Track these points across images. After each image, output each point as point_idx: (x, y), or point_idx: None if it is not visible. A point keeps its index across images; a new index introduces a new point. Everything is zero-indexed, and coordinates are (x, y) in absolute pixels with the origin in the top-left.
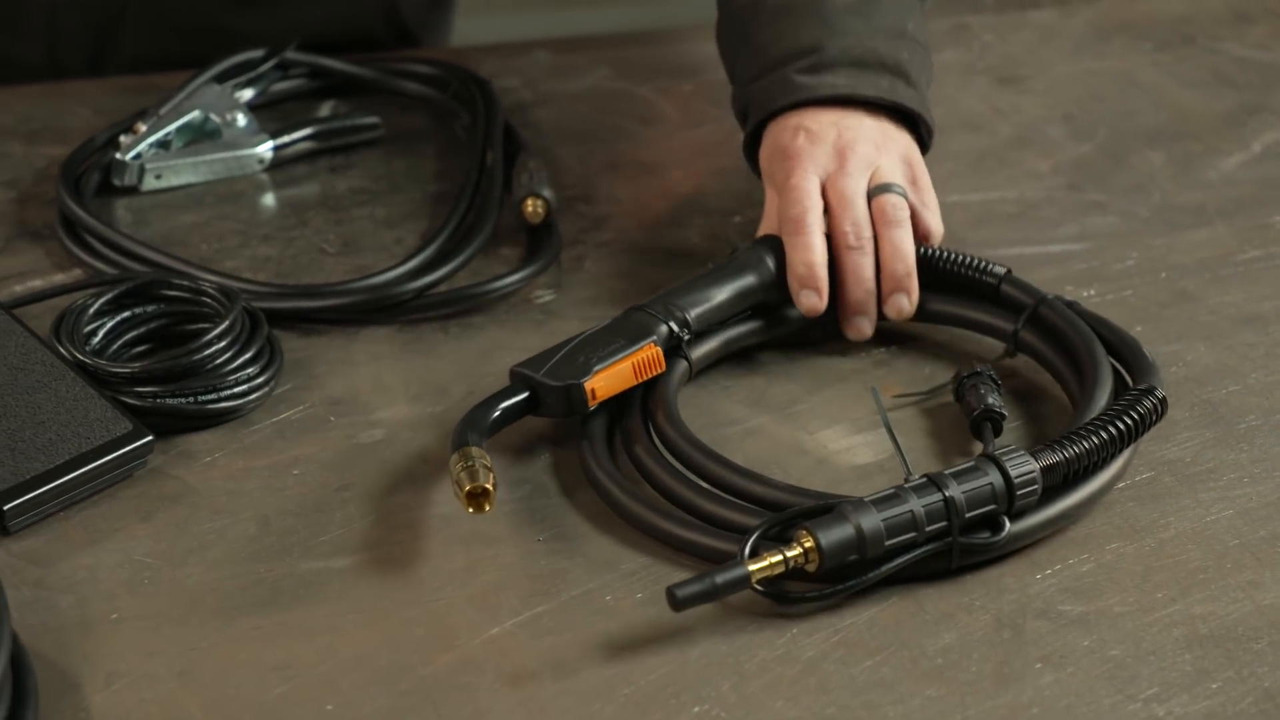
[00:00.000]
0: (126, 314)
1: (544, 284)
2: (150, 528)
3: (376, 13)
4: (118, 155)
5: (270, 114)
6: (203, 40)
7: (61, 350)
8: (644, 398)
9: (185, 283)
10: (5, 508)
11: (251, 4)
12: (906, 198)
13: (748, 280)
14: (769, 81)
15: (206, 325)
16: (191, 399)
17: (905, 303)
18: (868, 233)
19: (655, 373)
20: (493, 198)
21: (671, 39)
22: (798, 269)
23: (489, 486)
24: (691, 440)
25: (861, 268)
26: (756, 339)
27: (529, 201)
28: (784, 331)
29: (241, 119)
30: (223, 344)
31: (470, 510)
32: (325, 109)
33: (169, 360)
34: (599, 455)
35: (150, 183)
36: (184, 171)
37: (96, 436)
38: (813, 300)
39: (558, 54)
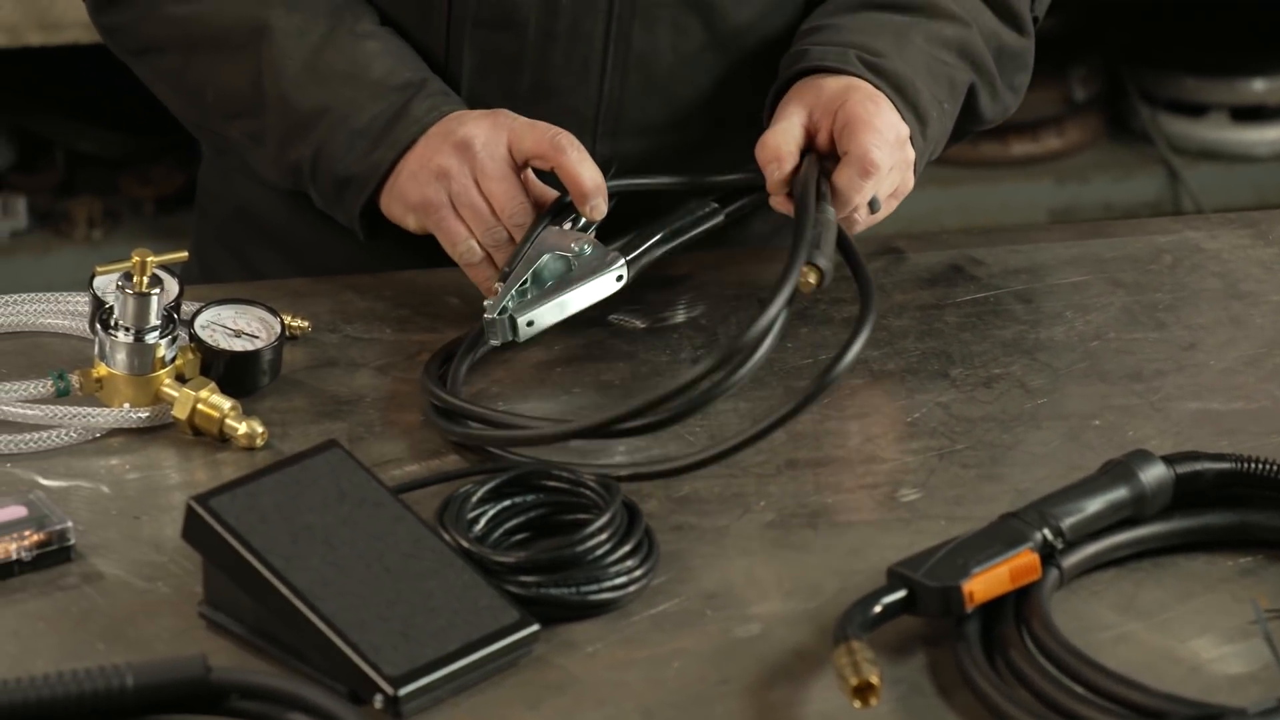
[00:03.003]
0: (507, 503)
1: (910, 483)
2: (537, 716)
3: None
4: (486, 315)
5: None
6: None
7: (446, 537)
8: (1017, 603)
9: (565, 474)
10: (400, 693)
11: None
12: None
13: (1120, 493)
14: (832, 49)
15: (586, 516)
16: (574, 589)
17: None
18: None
19: (1030, 579)
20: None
21: (1016, 239)
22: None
23: (874, 681)
24: (1068, 647)
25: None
26: (1127, 551)
27: (804, 270)
28: (1153, 545)
29: (588, 247)
30: (604, 536)
31: (856, 704)
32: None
33: (552, 551)
34: (976, 658)
35: (525, 331)
36: (551, 311)
37: (485, 625)
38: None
39: (913, 250)
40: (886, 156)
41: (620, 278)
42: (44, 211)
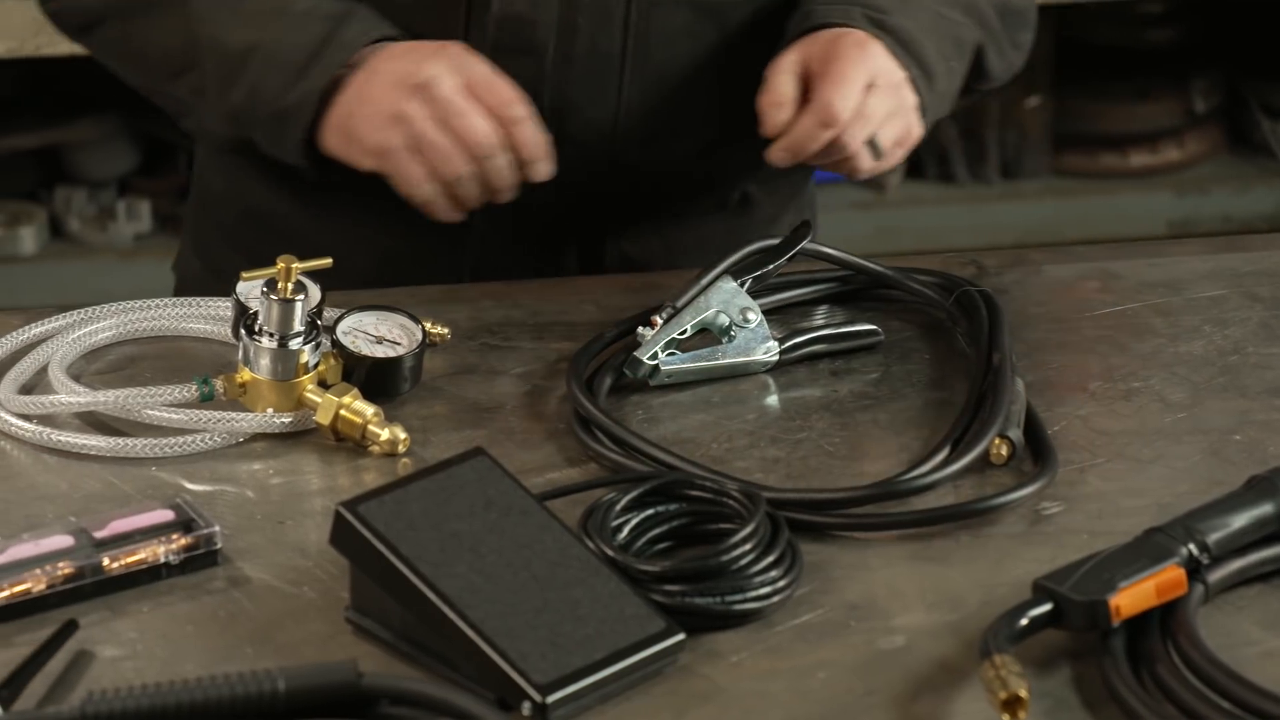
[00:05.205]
0: (650, 511)
1: (1050, 496)
2: None
3: None
4: (635, 354)
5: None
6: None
7: (590, 545)
8: (1163, 618)
9: (709, 484)
10: (549, 700)
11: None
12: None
13: (1265, 509)
14: (837, 8)
15: (729, 526)
16: (718, 599)
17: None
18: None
19: (1176, 594)
20: (1002, 400)
21: (1153, 252)
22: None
23: (1023, 694)
24: (1215, 662)
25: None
26: (1273, 566)
27: (995, 442)
28: None
29: (753, 319)
30: (749, 546)
31: (1005, 718)
32: (822, 314)
33: (697, 560)
34: (1122, 673)
35: (660, 379)
36: (693, 374)
37: (632, 633)
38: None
39: (1049, 262)
40: (850, 104)
41: (766, 364)
42: (167, 215)
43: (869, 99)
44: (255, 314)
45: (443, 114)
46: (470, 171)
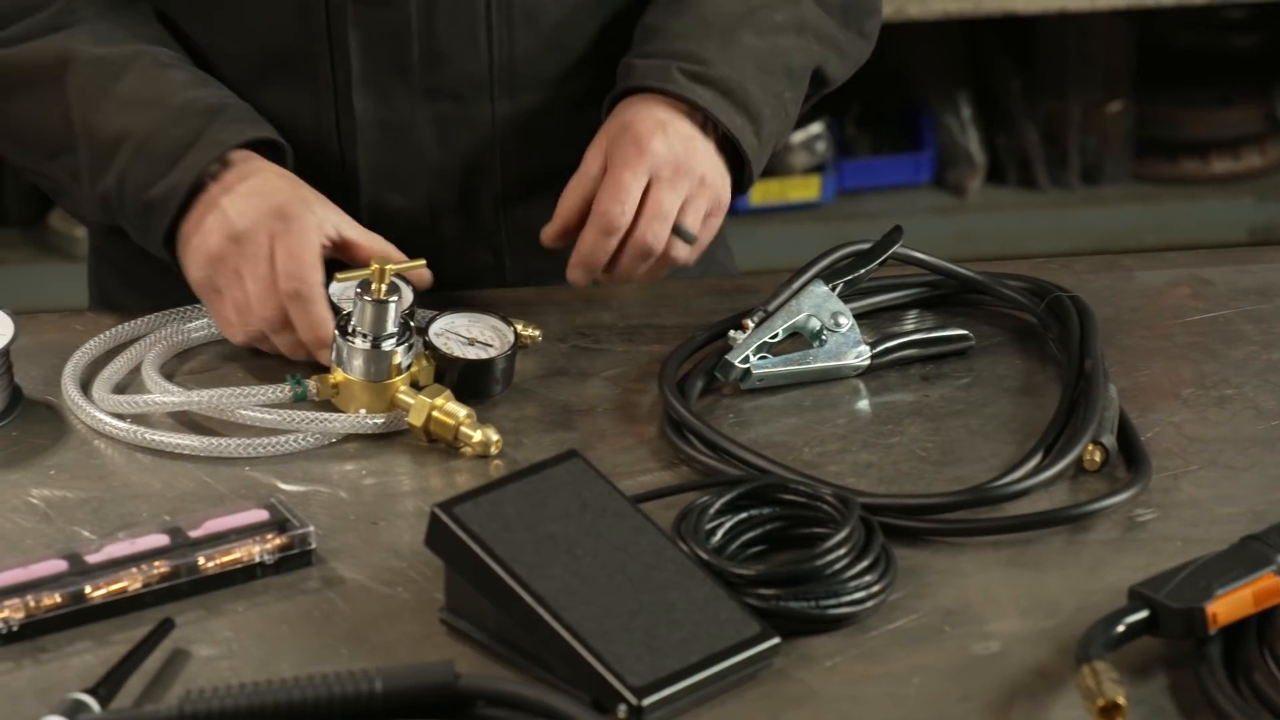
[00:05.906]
0: (743, 515)
1: (1144, 502)
2: None
3: None
4: (727, 357)
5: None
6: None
7: (684, 548)
8: (1260, 625)
9: (803, 488)
10: (644, 703)
11: None
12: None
13: None
14: (655, 65)
15: (823, 530)
16: (813, 603)
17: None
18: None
19: (1273, 602)
20: (1095, 406)
21: (1244, 259)
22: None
23: (1121, 701)
24: None
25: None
26: None
27: (1089, 448)
28: None
29: (844, 323)
30: (843, 550)
31: None
32: (912, 318)
33: (791, 564)
34: (1219, 680)
35: (752, 382)
36: (785, 377)
37: (727, 637)
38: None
39: (1140, 268)
40: (627, 210)
41: (857, 368)
42: None
43: (658, 194)
44: (348, 315)
45: (243, 270)
46: (260, 334)
